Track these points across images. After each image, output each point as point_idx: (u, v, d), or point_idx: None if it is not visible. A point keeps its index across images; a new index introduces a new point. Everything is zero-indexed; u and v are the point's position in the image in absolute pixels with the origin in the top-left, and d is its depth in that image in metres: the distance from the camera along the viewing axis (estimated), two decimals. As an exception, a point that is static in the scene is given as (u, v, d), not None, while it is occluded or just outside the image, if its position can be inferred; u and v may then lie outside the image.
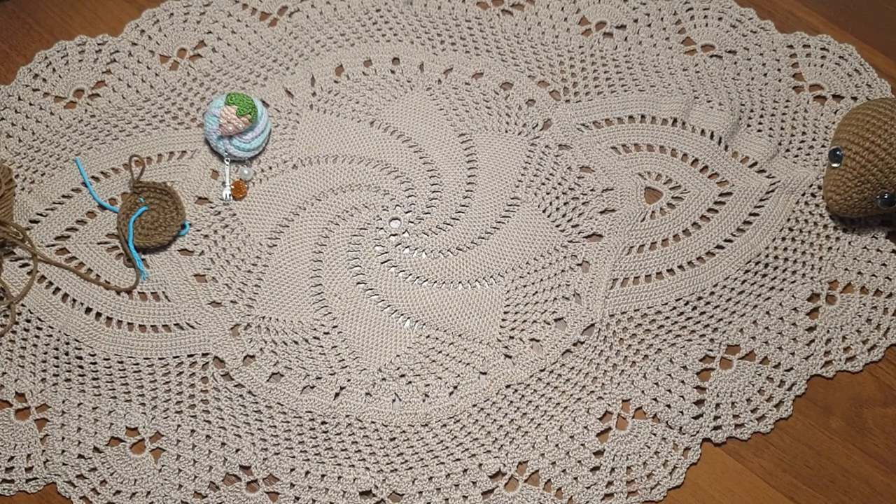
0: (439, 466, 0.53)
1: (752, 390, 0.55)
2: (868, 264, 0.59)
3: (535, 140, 0.62)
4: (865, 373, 0.56)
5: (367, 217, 0.60)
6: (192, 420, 0.54)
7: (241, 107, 0.58)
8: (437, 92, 0.63)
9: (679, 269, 0.59)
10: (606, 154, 0.62)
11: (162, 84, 0.64)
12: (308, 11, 0.66)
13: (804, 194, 0.60)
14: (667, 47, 0.65)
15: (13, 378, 0.55)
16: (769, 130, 0.62)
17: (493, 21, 0.66)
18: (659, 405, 0.55)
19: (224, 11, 0.66)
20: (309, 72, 0.64)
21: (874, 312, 0.57)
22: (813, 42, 0.65)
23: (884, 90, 0.63)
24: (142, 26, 0.65)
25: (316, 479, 0.53)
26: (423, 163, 0.61)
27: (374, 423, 0.54)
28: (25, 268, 0.58)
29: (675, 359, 0.56)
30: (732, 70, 0.64)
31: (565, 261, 0.59)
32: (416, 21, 0.66)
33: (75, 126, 0.62)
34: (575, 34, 0.65)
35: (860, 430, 0.55)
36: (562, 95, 0.63)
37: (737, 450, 0.54)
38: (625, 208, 0.60)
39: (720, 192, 0.60)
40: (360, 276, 0.58)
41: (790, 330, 0.57)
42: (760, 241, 0.59)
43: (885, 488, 0.53)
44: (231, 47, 0.65)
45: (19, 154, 0.61)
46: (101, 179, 0.61)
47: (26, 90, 0.63)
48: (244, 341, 0.56)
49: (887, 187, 0.56)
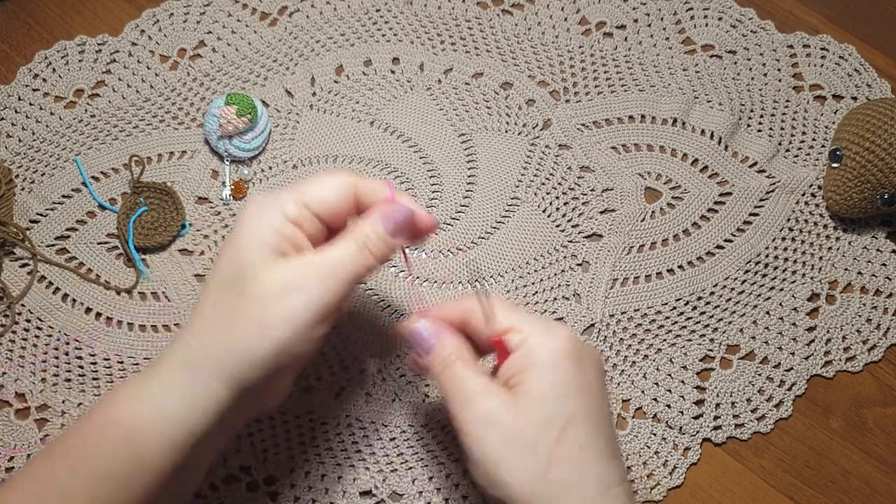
0: (439, 466, 0.53)
1: (752, 390, 0.55)
2: (868, 264, 0.59)
3: (535, 140, 0.62)
4: (865, 373, 0.56)
5: (367, 217, 0.60)
6: (192, 420, 0.54)
7: (241, 107, 0.58)
8: (437, 92, 0.63)
9: (679, 269, 0.59)
10: (606, 154, 0.62)
11: (162, 84, 0.64)
12: (308, 11, 0.66)
13: (804, 194, 0.60)
14: (667, 47, 0.65)
15: (13, 378, 0.55)
16: (769, 130, 0.62)
17: (493, 21, 0.66)
18: (659, 405, 0.55)
19: (224, 11, 0.66)
20: (309, 72, 0.64)
21: (874, 312, 0.57)
22: (813, 42, 0.65)
23: (884, 90, 0.63)
24: (142, 26, 0.65)
25: (316, 479, 0.53)
26: (423, 163, 0.61)
27: (374, 423, 0.54)
28: (25, 268, 0.58)
29: (675, 359, 0.56)
30: (732, 70, 0.64)
31: (565, 261, 0.59)
32: (416, 21, 0.66)
33: (75, 126, 0.62)
34: (575, 34, 0.65)
35: (860, 430, 0.55)
36: (562, 95, 0.63)
37: (737, 450, 0.54)
38: (625, 208, 0.60)
39: (720, 192, 0.60)
40: (360, 276, 0.58)
41: (790, 330, 0.57)
42: (760, 241, 0.59)
43: (885, 488, 0.53)
44: (231, 47, 0.65)
45: (19, 154, 0.61)
46: (101, 179, 0.61)
47: (26, 90, 0.63)
48: (244, 341, 0.56)
49: (887, 187, 0.56)
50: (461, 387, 0.42)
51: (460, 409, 0.41)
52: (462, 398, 0.41)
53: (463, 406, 0.41)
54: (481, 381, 0.41)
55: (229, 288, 0.40)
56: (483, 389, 0.41)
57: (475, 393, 0.41)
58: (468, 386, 0.41)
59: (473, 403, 0.41)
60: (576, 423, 0.40)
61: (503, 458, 0.39)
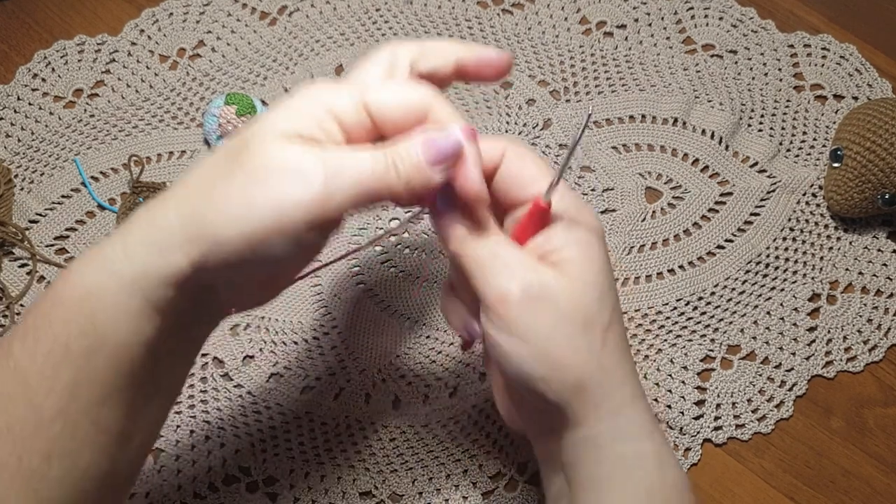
0: (439, 467, 0.53)
1: (753, 391, 0.55)
2: (869, 264, 0.59)
3: (535, 140, 0.62)
4: (866, 373, 0.56)
5: (367, 217, 0.60)
6: (191, 420, 0.54)
7: (240, 107, 0.58)
8: (437, 92, 0.63)
9: (680, 269, 0.59)
10: (607, 154, 0.61)
11: (161, 84, 0.63)
12: (308, 11, 0.66)
13: (805, 194, 0.60)
14: (667, 47, 0.65)
15: (12, 378, 0.55)
16: (770, 130, 0.62)
17: (493, 21, 0.66)
18: (659, 405, 0.55)
19: (224, 11, 0.66)
20: (309, 72, 0.64)
21: (875, 313, 0.57)
22: (814, 42, 0.65)
23: (884, 90, 0.63)
24: (141, 26, 0.65)
25: (316, 480, 0.53)
26: (423, 163, 0.61)
27: (374, 423, 0.54)
28: (25, 268, 0.58)
29: (676, 359, 0.56)
30: (733, 70, 0.64)
31: (565, 261, 0.59)
32: (416, 21, 0.66)
33: (74, 126, 0.62)
34: (575, 34, 0.65)
35: (861, 431, 0.55)
36: (562, 95, 0.63)
37: (737, 450, 0.54)
38: (625, 208, 0.60)
39: (721, 192, 0.60)
40: (359, 276, 0.58)
41: (791, 330, 0.57)
42: (761, 241, 0.59)
43: (885, 488, 0.53)
44: (231, 47, 0.65)
45: (19, 154, 0.61)
46: (100, 179, 0.61)
47: (25, 90, 0.63)
48: (243, 341, 0.56)
49: (888, 187, 0.56)
50: (503, 256, 0.36)
51: (503, 281, 0.36)
52: (504, 269, 0.36)
53: (507, 278, 0.36)
54: (522, 252, 0.37)
55: (229, 156, 0.34)
56: (529, 261, 0.36)
57: (521, 264, 0.36)
58: (511, 256, 0.36)
59: (519, 275, 0.36)
60: (618, 312, 0.37)
61: (556, 336, 0.35)
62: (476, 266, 0.37)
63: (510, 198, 0.38)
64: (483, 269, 0.37)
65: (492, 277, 0.36)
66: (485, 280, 0.36)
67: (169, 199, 0.35)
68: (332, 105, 0.35)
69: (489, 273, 0.36)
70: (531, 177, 0.37)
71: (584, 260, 0.36)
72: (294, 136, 0.34)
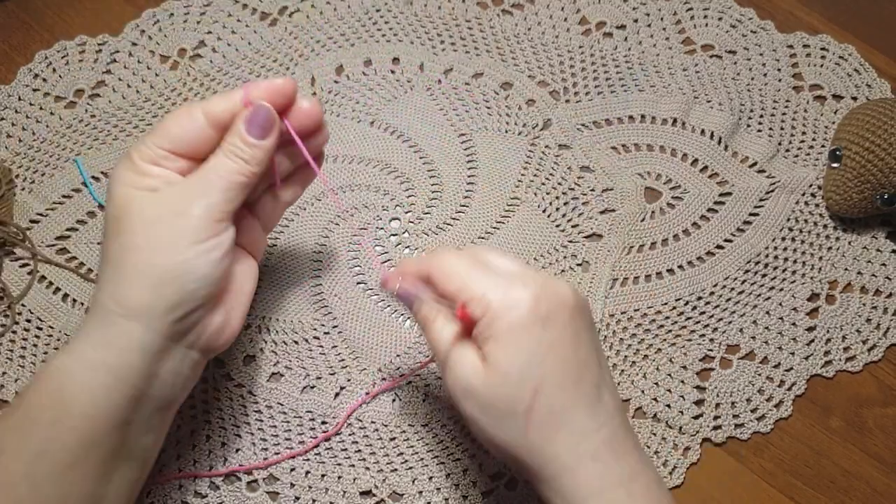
0: (439, 466, 0.53)
1: (752, 390, 0.55)
2: (868, 264, 0.59)
3: (535, 140, 0.62)
4: (865, 373, 0.56)
5: (367, 217, 0.60)
6: (191, 420, 0.54)
7: (241, 107, 0.58)
8: (437, 92, 0.63)
9: (679, 268, 0.59)
10: (606, 154, 0.62)
11: (162, 84, 0.64)
12: (308, 11, 0.66)
13: (804, 194, 0.60)
14: (667, 47, 0.65)
15: (13, 378, 0.55)
16: (769, 130, 0.62)
17: (493, 21, 0.66)
18: (659, 405, 0.55)
19: (224, 11, 0.66)
20: (309, 72, 0.64)
21: (874, 312, 0.57)
22: (813, 42, 0.65)
23: (884, 90, 0.63)
24: (142, 26, 0.65)
25: (316, 478, 0.53)
26: (423, 163, 0.61)
27: (374, 422, 0.54)
28: (25, 268, 0.58)
29: (675, 359, 0.56)
30: (732, 70, 0.64)
31: (565, 261, 0.59)
32: (416, 21, 0.66)
33: (75, 126, 0.62)
34: (575, 34, 0.65)
35: (860, 430, 0.55)
36: (562, 95, 0.63)
37: (737, 450, 0.54)
38: (625, 208, 0.60)
39: (720, 192, 0.60)
40: (360, 276, 0.58)
41: (790, 330, 0.57)
42: (760, 241, 0.59)
43: (885, 488, 0.53)
44: (231, 47, 0.65)
45: (19, 154, 0.61)
46: (101, 179, 0.61)
47: (26, 90, 0.63)
48: (244, 341, 0.56)
49: (887, 187, 0.56)
50: (438, 350, 0.43)
51: (442, 371, 0.42)
52: (441, 361, 0.42)
53: (443, 369, 0.42)
54: (458, 346, 0.42)
55: (111, 234, 0.41)
56: (459, 357, 0.41)
57: (452, 359, 0.42)
58: (444, 350, 0.42)
59: (451, 369, 0.41)
60: (545, 388, 0.39)
61: (484, 425, 0.40)
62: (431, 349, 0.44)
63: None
64: (434, 353, 0.43)
65: (437, 362, 0.43)
66: (437, 364, 0.44)
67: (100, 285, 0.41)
68: (140, 156, 0.42)
69: (437, 358, 0.43)
70: (456, 290, 0.42)
71: (499, 353, 0.40)
72: (144, 192, 0.41)
